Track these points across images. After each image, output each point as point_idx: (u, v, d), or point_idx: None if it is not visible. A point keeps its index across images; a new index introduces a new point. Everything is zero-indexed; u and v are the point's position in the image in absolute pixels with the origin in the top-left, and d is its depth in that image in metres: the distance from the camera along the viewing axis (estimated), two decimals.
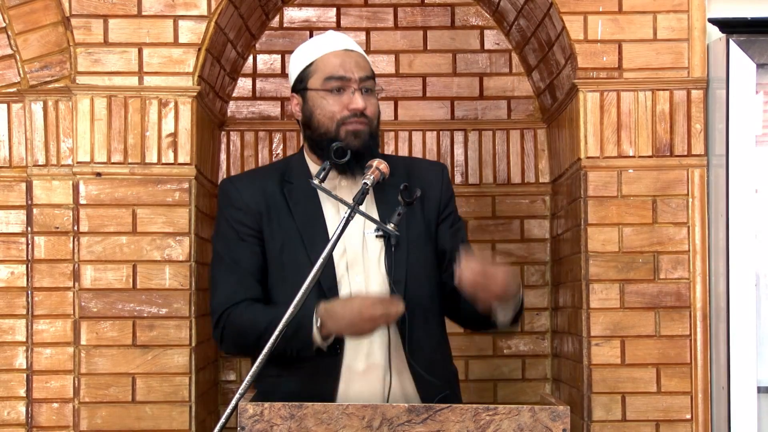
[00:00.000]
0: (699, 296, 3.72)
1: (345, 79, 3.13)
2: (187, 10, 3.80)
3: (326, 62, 3.17)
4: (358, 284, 3.11)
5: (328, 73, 3.15)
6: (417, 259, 3.14)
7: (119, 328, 3.77)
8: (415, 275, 3.12)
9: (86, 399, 3.75)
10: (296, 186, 3.18)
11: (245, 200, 3.19)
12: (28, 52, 3.88)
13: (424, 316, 3.12)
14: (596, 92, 3.76)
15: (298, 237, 3.14)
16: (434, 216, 3.24)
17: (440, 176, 3.31)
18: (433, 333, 3.18)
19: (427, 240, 3.20)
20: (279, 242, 3.15)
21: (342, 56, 3.17)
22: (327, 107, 3.13)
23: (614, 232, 3.74)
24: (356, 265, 3.12)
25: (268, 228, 3.17)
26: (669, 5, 3.75)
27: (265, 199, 3.19)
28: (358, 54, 3.21)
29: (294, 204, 3.17)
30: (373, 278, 3.11)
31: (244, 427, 2.72)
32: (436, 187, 3.26)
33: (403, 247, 3.09)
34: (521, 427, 2.72)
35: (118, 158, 3.79)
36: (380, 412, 2.73)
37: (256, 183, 3.25)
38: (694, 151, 3.74)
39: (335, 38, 3.24)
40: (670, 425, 3.70)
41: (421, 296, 3.12)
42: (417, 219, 3.18)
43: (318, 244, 3.00)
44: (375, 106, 3.17)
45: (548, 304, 4.41)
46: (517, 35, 4.33)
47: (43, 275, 3.85)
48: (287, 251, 3.13)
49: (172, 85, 3.79)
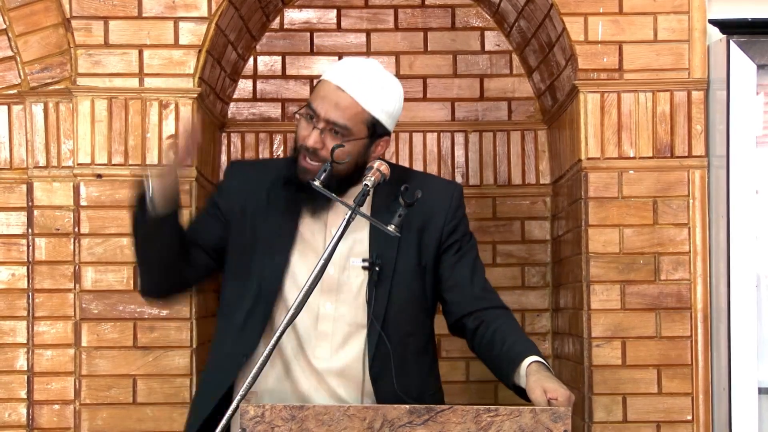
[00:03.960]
0: (700, 297, 3.72)
1: (316, 113, 3.03)
2: (188, 12, 3.80)
3: (318, 88, 3.09)
4: (327, 311, 3.06)
5: (311, 98, 3.08)
6: (399, 296, 3.08)
7: (120, 330, 3.77)
8: (396, 312, 3.06)
9: (87, 401, 3.75)
10: (284, 194, 3.11)
11: (231, 188, 3.22)
12: (28, 54, 3.89)
13: (400, 358, 3.04)
14: (597, 93, 3.76)
15: (261, 244, 3.11)
16: (434, 245, 3.14)
17: (450, 200, 3.18)
18: (409, 373, 3.07)
19: (418, 276, 3.12)
20: (244, 242, 3.14)
21: (329, 91, 3.04)
22: (299, 129, 3.08)
23: (615, 233, 3.74)
24: (330, 292, 3.06)
25: (240, 225, 3.16)
26: (669, 6, 3.76)
27: (251, 198, 3.17)
28: (348, 97, 3.02)
29: (272, 211, 3.13)
30: (348, 309, 3.06)
31: (246, 428, 2.72)
32: (440, 217, 3.15)
33: (386, 282, 3.05)
34: (522, 428, 2.72)
35: (118, 160, 3.79)
36: (381, 414, 2.73)
37: (250, 178, 3.23)
38: (695, 152, 3.75)
39: (343, 71, 3.08)
40: (671, 426, 3.70)
41: (400, 335, 3.06)
42: (411, 253, 3.10)
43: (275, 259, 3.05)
44: (342, 151, 2.92)
45: (549, 306, 4.41)
46: (517, 36, 4.33)
47: (44, 277, 3.85)
48: (246, 253, 3.11)
49: (173, 86, 3.79)
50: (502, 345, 3.00)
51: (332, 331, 3.06)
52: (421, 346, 3.17)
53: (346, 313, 3.06)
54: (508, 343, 2.99)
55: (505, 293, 4.32)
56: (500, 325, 3.06)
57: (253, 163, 3.82)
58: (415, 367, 3.12)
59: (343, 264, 3.07)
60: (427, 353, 3.22)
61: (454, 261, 3.16)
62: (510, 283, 4.40)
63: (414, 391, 3.04)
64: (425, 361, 3.20)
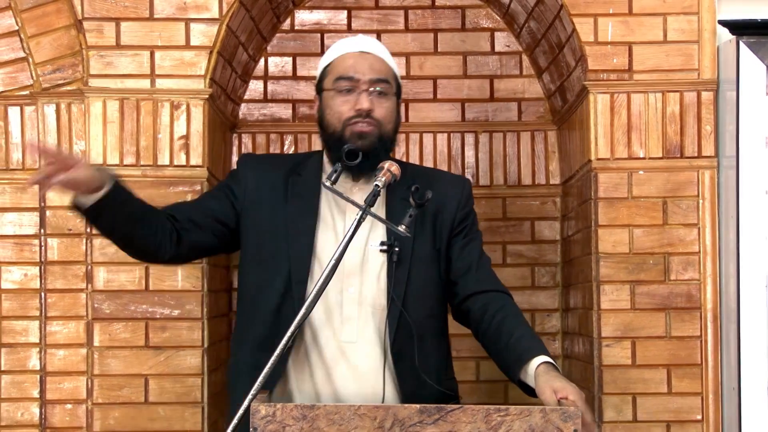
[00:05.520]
0: (709, 297, 3.72)
1: (354, 80, 3.14)
2: (199, 13, 3.81)
3: (340, 63, 3.18)
4: (351, 295, 3.11)
5: (339, 73, 3.16)
6: (418, 277, 3.13)
7: (132, 330, 3.78)
8: (414, 294, 3.11)
9: (99, 400, 3.77)
10: (303, 179, 3.21)
11: (247, 177, 3.25)
12: (40, 55, 3.90)
13: (421, 336, 3.09)
14: (606, 94, 3.76)
15: (284, 228, 3.15)
16: (447, 230, 3.22)
17: (460, 192, 3.27)
18: (430, 352, 3.14)
19: (434, 259, 3.19)
20: (266, 228, 3.17)
21: (355, 57, 3.18)
22: (335, 107, 3.14)
23: (625, 233, 3.74)
24: (352, 276, 3.11)
25: (255, 214, 3.20)
26: (679, 7, 3.76)
27: (267, 186, 3.22)
28: (375, 56, 3.20)
29: (292, 196, 3.19)
30: (369, 292, 3.11)
31: (257, 427, 2.73)
32: (453, 204, 3.24)
33: (405, 263, 3.09)
34: (532, 427, 2.72)
35: (130, 160, 3.80)
36: (392, 413, 2.73)
37: (266, 168, 3.29)
38: (705, 153, 3.75)
39: (356, 40, 3.26)
40: (680, 426, 3.70)
41: (419, 316, 3.11)
42: (426, 237, 3.17)
43: (301, 240, 3.08)
44: (387, 110, 3.15)
45: (559, 306, 4.42)
46: (527, 37, 4.34)
47: (56, 277, 3.87)
48: (270, 238, 3.14)
49: (184, 87, 3.81)
50: (509, 338, 3.03)
51: (357, 314, 3.10)
52: (438, 329, 3.22)
53: (369, 296, 3.11)
54: (515, 337, 3.02)
55: (515, 293, 4.30)
56: (506, 316, 3.10)
57: (265, 156, 3.87)
58: (433, 349, 3.17)
59: (362, 249, 3.12)
60: (444, 337, 3.27)
61: (464, 244, 3.23)
62: (520, 283, 4.40)
63: (434, 372, 3.12)
64: (443, 344, 3.26)
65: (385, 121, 3.13)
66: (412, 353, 3.05)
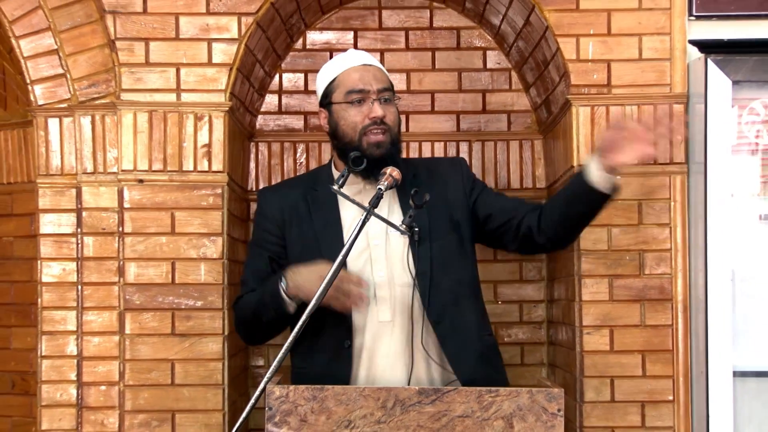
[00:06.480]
0: (680, 290, 3.72)
1: (364, 91, 3.16)
2: (220, 34, 3.82)
3: (347, 77, 3.19)
4: (381, 278, 3.12)
5: (349, 87, 3.18)
6: (441, 248, 3.14)
7: (159, 319, 3.79)
8: (440, 264, 3.12)
9: (130, 382, 3.77)
10: (320, 193, 3.22)
11: (272, 210, 3.27)
12: (77, 72, 3.91)
13: (455, 299, 3.12)
14: (587, 107, 3.76)
15: (315, 240, 3.18)
16: (462, 199, 3.25)
17: (460, 167, 3.35)
18: (465, 313, 3.15)
19: (452, 228, 3.20)
20: (299, 245, 3.20)
21: (361, 71, 3.20)
22: (350, 118, 3.16)
23: (604, 232, 3.74)
24: (379, 260, 3.13)
25: (290, 234, 3.23)
26: (653, 28, 3.76)
27: (290, 208, 3.25)
28: (376, 68, 3.23)
29: (315, 210, 3.22)
30: (397, 272, 3.12)
31: (272, 407, 2.74)
32: (457, 176, 3.30)
33: (426, 240, 3.10)
34: (520, 407, 2.73)
35: (158, 167, 3.81)
36: (393, 394, 2.74)
37: (284, 193, 3.32)
38: (676, 160, 3.75)
39: (354, 55, 3.27)
40: (654, 406, 3.70)
41: (450, 282, 3.12)
42: (439, 210, 3.18)
43: (334, 246, 3.04)
44: (394, 114, 3.20)
45: (544, 297, 4.42)
46: (516, 55, 4.34)
47: (92, 271, 3.88)
48: (306, 253, 3.14)
49: (207, 101, 3.81)
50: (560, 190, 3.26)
51: (389, 294, 3.11)
52: (470, 292, 3.22)
53: (397, 276, 3.11)
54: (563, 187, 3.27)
55: (504, 286, 4.39)
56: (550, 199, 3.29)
57: (280, 184, 3.86)
58: (468, 309, 3.17)
59: (384, 235, 3.13)
60: (477, 299, 3.27)
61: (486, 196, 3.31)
62: (509, 277, 4.40)
63: (474, 329, 3.15)
64: (477, 304, 3.26)
65: (394, 125, 3.18)
66: (452, 315, 3.08)
